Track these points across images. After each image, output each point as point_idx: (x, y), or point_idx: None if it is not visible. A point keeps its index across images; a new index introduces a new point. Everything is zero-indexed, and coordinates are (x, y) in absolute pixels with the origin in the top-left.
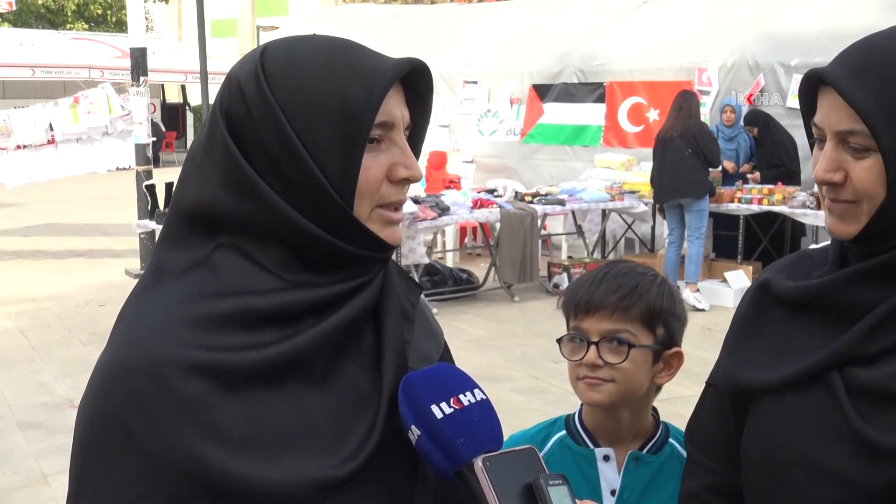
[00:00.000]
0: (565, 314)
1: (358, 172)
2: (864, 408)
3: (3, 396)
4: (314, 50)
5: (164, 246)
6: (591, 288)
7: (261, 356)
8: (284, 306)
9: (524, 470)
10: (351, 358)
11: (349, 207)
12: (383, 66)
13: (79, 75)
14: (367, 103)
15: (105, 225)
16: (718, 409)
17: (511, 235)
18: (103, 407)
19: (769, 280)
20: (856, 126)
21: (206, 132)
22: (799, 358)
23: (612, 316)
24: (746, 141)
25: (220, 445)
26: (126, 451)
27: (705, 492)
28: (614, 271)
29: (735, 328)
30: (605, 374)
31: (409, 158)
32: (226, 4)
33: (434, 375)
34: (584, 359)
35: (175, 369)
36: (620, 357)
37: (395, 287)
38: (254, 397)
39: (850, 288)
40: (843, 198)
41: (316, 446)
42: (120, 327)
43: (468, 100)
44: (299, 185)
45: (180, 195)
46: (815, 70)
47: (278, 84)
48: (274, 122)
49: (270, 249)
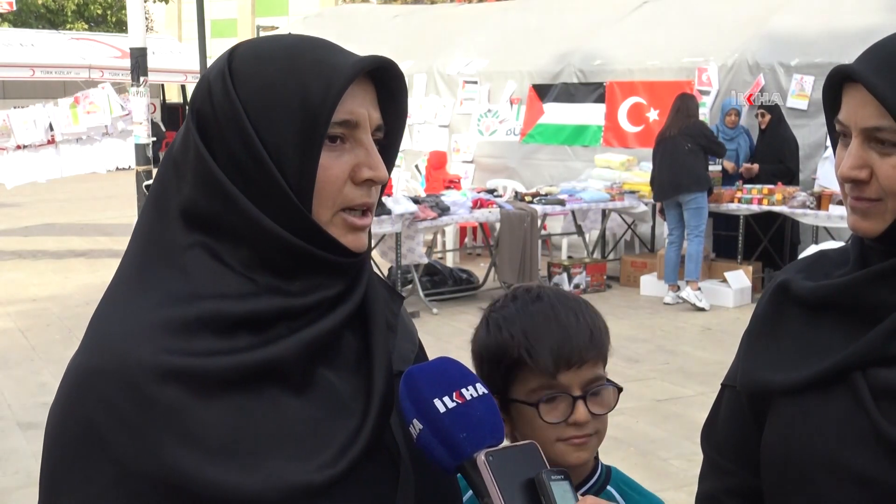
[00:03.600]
0: (513, 365)
1: (315, 172)
2: (887, 409)
3: (3, 396)
4: (281, 48)
5: (135, 244)
6: (565, 338)
7: (235, 362)
8: (258, 313)
9: (526, 465)
10: (330, 365)
11: (307, 209)
12: (346, 62)
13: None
14: (325, 100)
15: (105, 225)
16: (735, 410)
17: (511, 235)
18: (75, 413)
19: (788, 281)
20: (883, 122)
21: (183, 132)
22: (821, 359)
23: (595, 364)
24: (747, 141)
25: (196, 452)
26: (99, 459)
27: (722, 494)
28: (567, 311)
29: (753, 329)
30: (590, 429)
31: (374, 159)
32: (226, 4)
33: (436, 369)
34: (573, 418)
35: (148, 375)
36: (608, 404)
37: (380, 295)
38: (229, 403)
39: (873, 287)
40: (868, 195)
41: (294, 452)
42: (91, 330)
43: (468, 100)
44: (260, 185)
45: (155, 193)
46: (840, 67)
47: (242, 81)
48: (235, 120)
49: (239, 251)
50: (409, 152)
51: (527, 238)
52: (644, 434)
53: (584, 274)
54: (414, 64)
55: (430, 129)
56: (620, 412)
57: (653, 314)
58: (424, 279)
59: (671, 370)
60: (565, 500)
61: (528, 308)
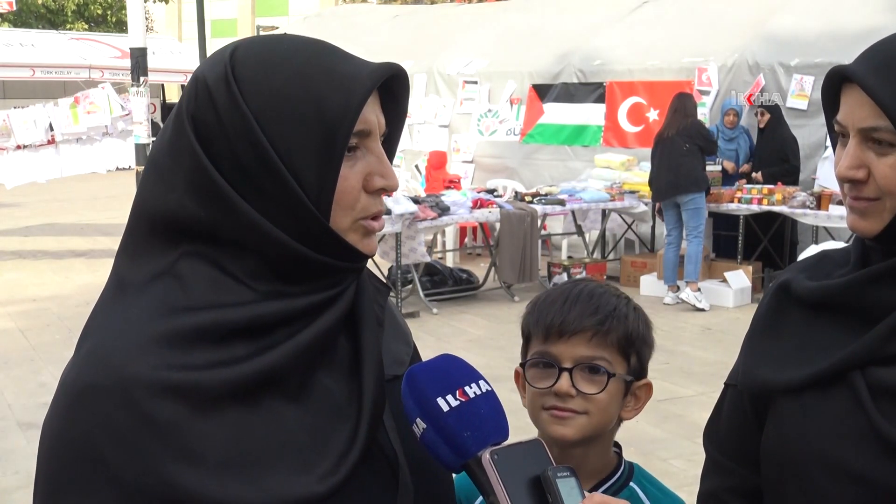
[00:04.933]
0: (527, 335)
1: (335, 183)
2: (886, 408)
3: (3, 396)
4: (288, 53)
5: (125, 254)
6: (565, 308)
7: (234, 373)
8: (257, 318)
9: (531, 462)
10: (325, 369)
11: (326, 219)
12: (361, 72)
13: (79, 75)
14: (345, 112)
15: (105, 225)
16: (737, 409)
17: (511, 235)
18: (72, 430)
19: (789, 281)
20: (880, 123)
21: (171, 135)
22: (821, 358)
23: (591, 341)
24: (747, 141)
25: (196, 468)
26: (98, 478)
27: (724, 493)
28: (587, 290)
29: (755, 329)
30: (577, 406)
31: (386, 167)
32: (226, 4)
33: (439, 367)
34: (555, 387)
35: (146, 391)
36: (598, 387)
37: (368, 292)
38: (228, 416)
39: (873, 287)
40: (866, 195)
41: (294, 464)
42: (86, 344)
43: (468, 100)
44: (273, 196)
45: (142, 200)
46: (838, 67)
47: (250, 90)
48: (247, 131)
49: (240, 259)
50: (409, 152)
51: (527, 238)
52: (644, 434)
53: (584, 274)
54: (414, 64)
55: (430, 129)
56: None
57: (653, 314)
58: (424, 279)
59: (671, 370)
60: (571, 497)
61: (559, 287)
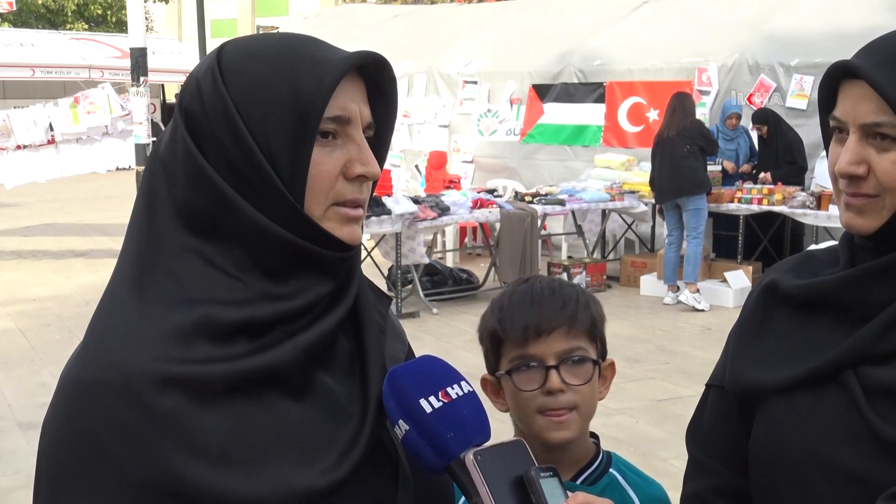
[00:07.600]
0: (496, 341)
1: (307, 168)
2: (880, 407)
3: (3, 396)
4: (271, 44)
5: (129, 250)
6: (534, 307)
7: (234, 368)
8: (253, 319)
9: (514, 462)
10: (326, 368)
11: (300, 204)
12: (336, 57)
13: (79, 75)
14: (316, 96)
15: (105, 225)
16: (722, 410)
17: (511, 235)
18: (75, 424)
19: (776, 280)
20: (883, 118)
21: (170, 131)
22: (812, 357)
23: (568, 334)
24: (746, 141)
25: (198, 460)
26: (102, 471)
27: (708, 494)
28: (548, 286)
29: (740, 329)
30: (567, 401)
31: (366, 155)
32: (226, 4)
33: (421, 368)
34: (547, 385)
35: (148, 383)
36: (584, 377)
37: (369, 297)
38: (230, 410)
39: (864, 285)
40: (865, 191)
41: (296, 458)
42: (89, 340)
43: (468, 100)
44: (252, 182)
45: (145, 197)
46: (840, 62)
47: (232, 79)
48: (226, 116)
49: (231, 251)
50: (409, 152)
51: (527, 238)
52: (644, 434)
53: (584, 274)
54: (414, 64)
55: (430, 129)
56: (620, 412)
57: (653, 314)
58: (424, 279)
59: (671, 370)
60: (555, 496)
61: (513, 289)
